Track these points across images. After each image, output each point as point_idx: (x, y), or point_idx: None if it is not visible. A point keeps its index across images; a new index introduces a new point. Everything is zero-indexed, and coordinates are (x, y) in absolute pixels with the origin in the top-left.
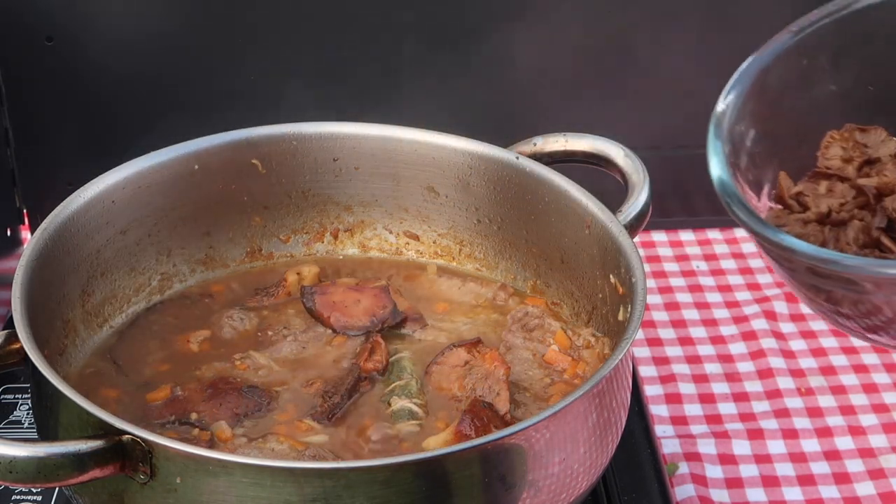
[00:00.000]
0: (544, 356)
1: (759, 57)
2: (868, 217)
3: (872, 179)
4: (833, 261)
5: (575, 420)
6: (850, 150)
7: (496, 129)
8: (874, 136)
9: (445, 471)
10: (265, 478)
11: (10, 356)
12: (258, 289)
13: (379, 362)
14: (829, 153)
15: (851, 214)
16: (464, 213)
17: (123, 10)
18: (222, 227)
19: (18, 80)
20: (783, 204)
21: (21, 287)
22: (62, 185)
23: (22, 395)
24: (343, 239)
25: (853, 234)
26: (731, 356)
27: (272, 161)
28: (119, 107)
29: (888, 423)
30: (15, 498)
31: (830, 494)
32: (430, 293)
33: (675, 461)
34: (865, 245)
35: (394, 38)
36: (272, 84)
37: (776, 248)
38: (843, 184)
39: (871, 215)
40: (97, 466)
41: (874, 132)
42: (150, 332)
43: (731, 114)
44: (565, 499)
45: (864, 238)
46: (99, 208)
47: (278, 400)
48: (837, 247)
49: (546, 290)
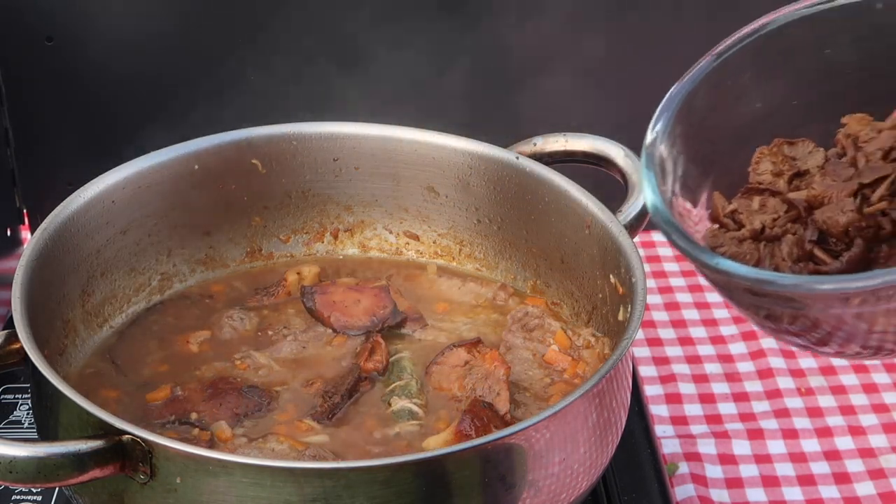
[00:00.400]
0: (544, 356)
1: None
2: (801, 230)
3: (802, 193)
4: (769, 281)
5: (575, 420)
6: (780, 163)
7: (496, 129)
8: (802, 149)
9: (445, 471)
10: (265, 478)
11: (10, 356)
12: (258, 289)
13: (379, 362)
14: (759, 168)
15: (784, 229)
16: (464, 213)
17: (123, 10)
18: (222, 227)
19: (18, 80)
20: (718, 223)
21: (21, 287)
22: (62, 185)
23: (22, 395)
24: (343, 239)
25: (787, 249)
26: (731, 356)
27: (272, 161)
28: (119, 107)
29: (888, 423)
30: (15, 498)
31: (830, 494)
32: (430, 293)
33: (675, 461)
34: (800, 259)
35: (394, 38)
36: (272, 84)
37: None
38: (775, 198)
39: (804, 228)
40: (97, 466)
41: (801, 144)
42: (150, 332)
43: (660, 141)
44: (565, 499)
45: (797, 252)
46: (99, 208)
47: (278, 400)
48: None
49: (546, 290)
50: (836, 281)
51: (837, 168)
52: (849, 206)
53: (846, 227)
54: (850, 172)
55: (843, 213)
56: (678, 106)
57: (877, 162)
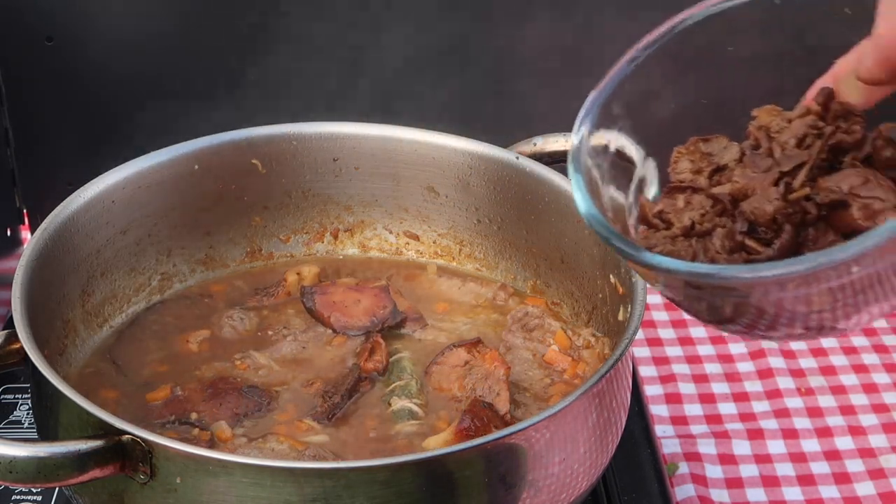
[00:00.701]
0: (544, 356)
1: (601, 90)
2: (729, 223)
3: (725, 187)
4: (709, 274)
5: (575, 420)
6: (698, 161)
7: (496, 129)
8: (717, 145)
9: (445, 471)
10: (265, 478)
11: (10, 356)
12: (258, 289)
13: (379, 362)
14: (678, 167)
15: (714, 223)
16: (464, 213)
17: (123, 10)
18: (222, 227)
19: (18, 80)
20: (648, 224)
21: (21, 287)
22: (62, 185)
23: (22, 395)
24: (343, 239)
25: (719, 242)
26: (731, 356)
27: (272, 161)
28: (119, 107)
29: (888, 423)
30: (15, 498)
31: (830, 494)
32: (430, 293)
33: (675, 461)
34: (733, 250)
35: (393, 37)
36: (272, 84)
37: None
38: (699, 194)
39: (732, 221)
40: (97, 466)
41: (716, 140)
42: (149, 332)
43: (585, 147)
44: (565, 499)
45: (730, 244)
46: (99, 208)
47: (278, 400)
48: (708, 256)
49: (546, 290)
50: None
51: (756, 159)
52: (773, 195)
53: (773, 216)
54: (768, 163)
55: (769, 202)
56: (598, 112)
57: (792, 150)
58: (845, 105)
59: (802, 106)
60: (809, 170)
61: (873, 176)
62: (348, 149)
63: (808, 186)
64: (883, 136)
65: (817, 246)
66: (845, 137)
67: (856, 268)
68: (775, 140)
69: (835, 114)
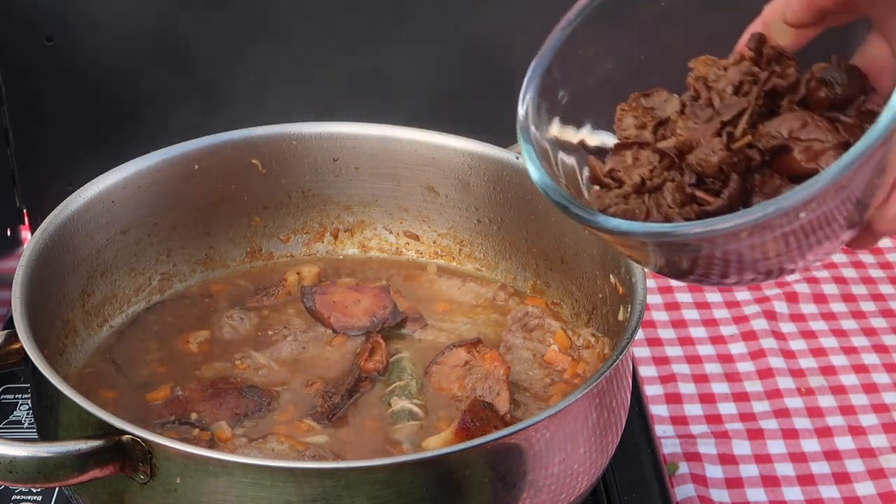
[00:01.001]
0: (544, 356)
1: (540, 59)
2: (678, 176)
3: (670, 141)
4: (664, 233)
5: (575, 420)
6: (641, 116)
7: (496, 129)
8: (657, 98)
9: (445, 471)
10: (265, 478)
11: (10, 356)
12: (258, 289)
13: (379, 362)
14: (623, 124)
15: (663, 178)
16: (464, 213)
17: (123, 10)
18: (222, 227)
19: (18, 80)
20: (600, 184)
21: (21, 287)
22: (62, 185)
23: (22, 395)
24: (343, 239)
25: (670, 197)
26: (731, 356)
27: (272, 161)
28: (119, 107)
29: (888, 423)
30: (15, 498)
31: (830, 494)
32: (430, 293)
33: (675, 461)
34: (684, 203)
35: (393, 37)
36: (272, 84)
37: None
38: (646, 150)
39: (681, 174)
40: (97, 466)
41: (657, 94)
42: (149, 332)
43: (532, 116)
44: (565, 499)
45: (681, 197)
46: (99, 208)
47: (278, 400)
48: (661, 212)
49: (546, 290)
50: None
51: (697, 110)
52: (717, 146)
53: (719, 166)
54: (709, 113)
55: (714, 152)
56: (539, 82)
57: (730, 98)
58: (777, 48)
59: (736, 53)
60: (749, 117)
61: (811, 118)
62: (348, 149)
63: (750, 134)
64: (816, 77)
65: (764, 190)
66: (780, 81)
67: (803, 213)
68: (713, 89)
69: (768, 58)
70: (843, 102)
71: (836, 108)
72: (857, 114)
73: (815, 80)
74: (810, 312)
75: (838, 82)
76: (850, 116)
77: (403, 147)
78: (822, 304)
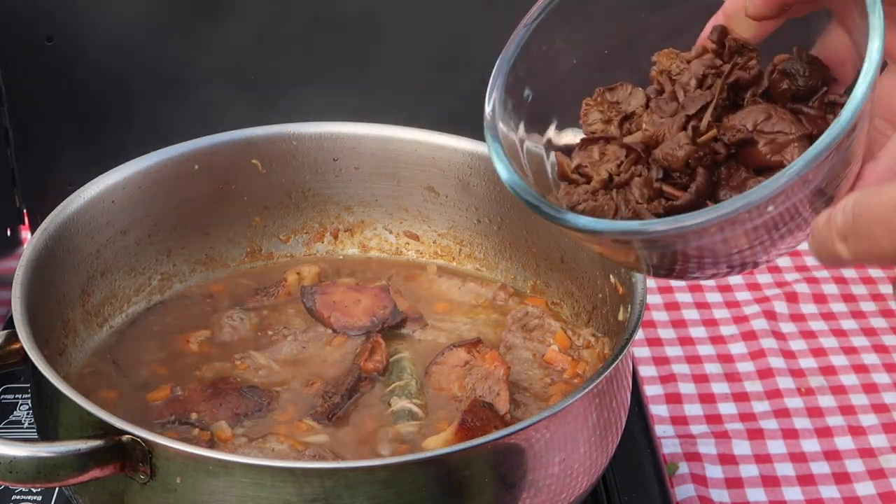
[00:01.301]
0: (544, 356)
1: (504, 56)
2: (645, 171)
3: (636, 135)
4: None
5: (575, 420)
6: (607, 111)
7: None
8: (622, 92)
9: (445, 471)
10: (265, 478)
11: (10, 356)
12: (258, 289)
13: (379, 362)
14: (589, 119)
15: (631, 173)
16: (464, 213)
17: (123, 10)
18: (222, 227)
19: (18, 80)
20: (568, 180)
21: (21, 287)
22: (62, 185)
23: (22, 395)
24: (343, 239)
25: (638, 192)
26: (731, 356)
27: (272, 161)
28: (119, 107)
29: (888, 423)
30: (15, 498)
31: (830, 494)
32: (430, 293)
33: (675, 461)
34: (652, 198)
35: (393, 37)
36: (272, 84)
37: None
38: (612, 144)
39: (648, 169)
40: (97, 466)
41: (621, 88)
42: (150, 332)
43: (498, 113)
44: (565, 499)
45: (648, 192)
46: (99, 208)
47: (278, 400)
48: (629, 208)
49: (546, 290)
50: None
51: (661, 104)
52: (683, 140)
53: (686, 160)
54: (674, 106)
55: (680, 147)
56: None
57: (694, 91)
58: (739, 41)
59: (699, 45)
60: (713, 110)
61: (774, 110)
62: (348, 149)
63: (715, 127)
64: (778, 69)
65: (731, 183)
66: (743, 74)
67: (770, 207)
68: (677, 82)
69: (730, 50)
70: (806, 94)
71: (799, 99)
72: (820, 105)
73: (777, 72)
74: (810, 312)
75: (800, 74)
76: (813, 108)
77: (403, 147)
78: (822, 304)
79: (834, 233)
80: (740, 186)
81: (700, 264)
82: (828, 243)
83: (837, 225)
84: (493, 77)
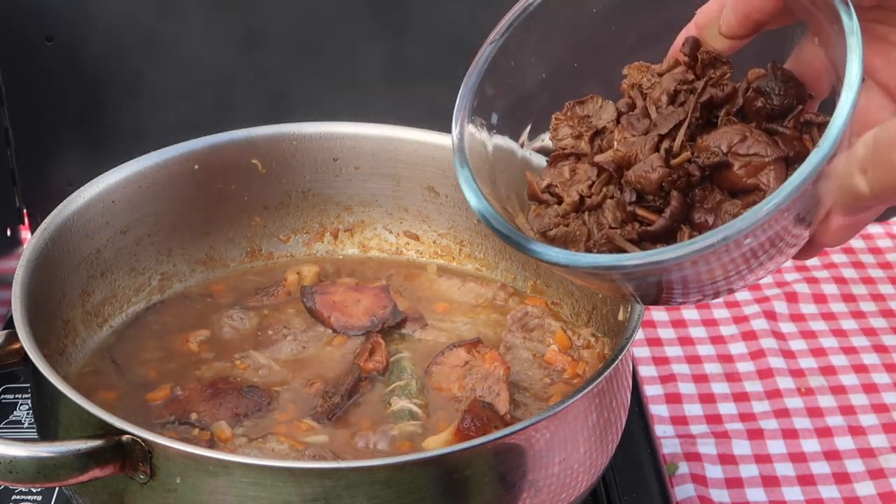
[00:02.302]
0: (544, 356)
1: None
2: (618, 193)
3: (608, 154)
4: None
5: (575, 420)
6: (577, 125)
7: None
8: (592, 106)
9: (445, 471)
10: (265, 478)
11: (10, 356)
12: (258, 289)
13: (379, 362)
14: (559, 134)
15: (603, 195)
16: (464, 213)
17: (123, 10)
18: (222, 227)
19: (18, 80)
20: (538, 200)
21: (21, 287)
22: (62, 185)
23: (22, 395)
24: (343, 239)
25: (611, 216)
26: (731, 356)
27: (272, 161)
28: (119, 107)
29: (888, 423)
30: (15, 498)
31: (830, 494)
32: (430, 293)
33: (675, 461)
34: (625, 221)
35: (392, 37)
36: (272, 84)
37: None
38: (583, 162)
39: (620, 190)
40: (97, 466)
41: (590, 101)
42: (149, 331)
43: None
44: (565, 499)
45: (622, 215)
46: (99, 208)
47: (278, 400)
48: (602, 233)
49: (546, 290)
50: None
51: (633, 121)
52: (657, 162)
53: (659, 183)
54: (646, 124)
55: (653, 169)
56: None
57: (666, 108)
58: (712, 53)
59: (670, 58)
60: (687, 129)
61: (749, 132)
62: (348, 149)
63: (689, 149)
64: (752, 87)
65: (706, 205)
66: (716, 92)
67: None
68: (649, 97)
69: (703, 63)
70: (781, 112)
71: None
72: (795, 124)
73: (752, 90)
74: (810, 312)
75: (775, 92)
76: (788, 127)
77: (403, 147)
78: (822, 304)
79: (854, 167)
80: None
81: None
82: (847, 179)
83: (858, 157)
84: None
